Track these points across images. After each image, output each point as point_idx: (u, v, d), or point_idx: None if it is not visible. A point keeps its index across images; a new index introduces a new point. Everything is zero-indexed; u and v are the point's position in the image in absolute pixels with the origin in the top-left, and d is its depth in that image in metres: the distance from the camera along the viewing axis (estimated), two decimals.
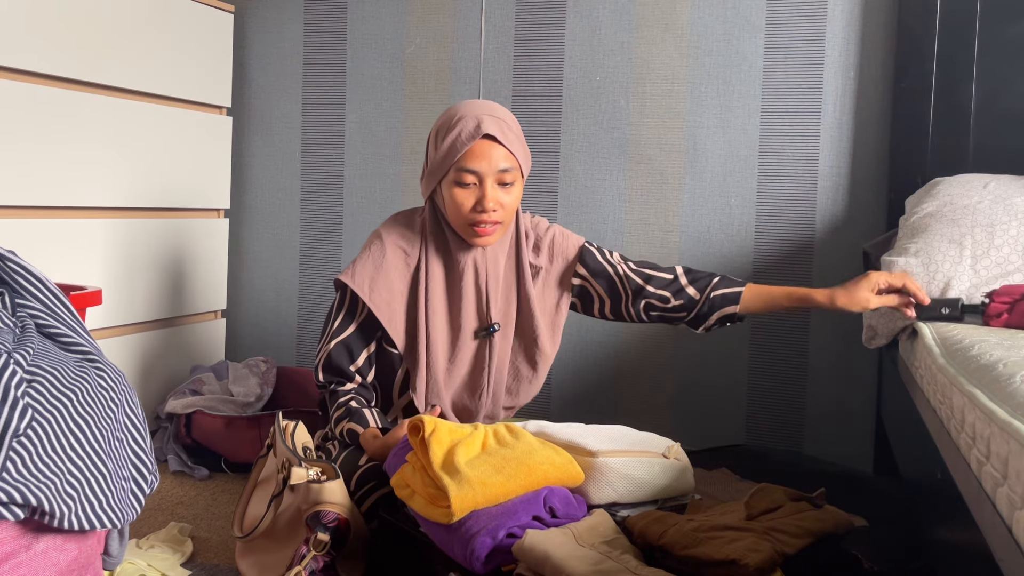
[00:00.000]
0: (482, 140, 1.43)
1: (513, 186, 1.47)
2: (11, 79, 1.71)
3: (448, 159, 1.44)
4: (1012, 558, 0.73)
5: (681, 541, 1.11)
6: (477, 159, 1.43)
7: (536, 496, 1.21)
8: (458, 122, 1.44)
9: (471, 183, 1.44)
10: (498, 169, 1.44)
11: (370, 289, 1.50)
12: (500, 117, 1.46)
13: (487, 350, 1.56)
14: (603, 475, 1.30)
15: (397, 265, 1.53)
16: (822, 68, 2.09)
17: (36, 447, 0.96)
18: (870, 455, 2.08)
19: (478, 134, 1.42)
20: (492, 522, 1.14)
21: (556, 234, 1.62)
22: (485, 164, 1.43)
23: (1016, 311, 1.33)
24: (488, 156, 1.43)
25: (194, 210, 2.24)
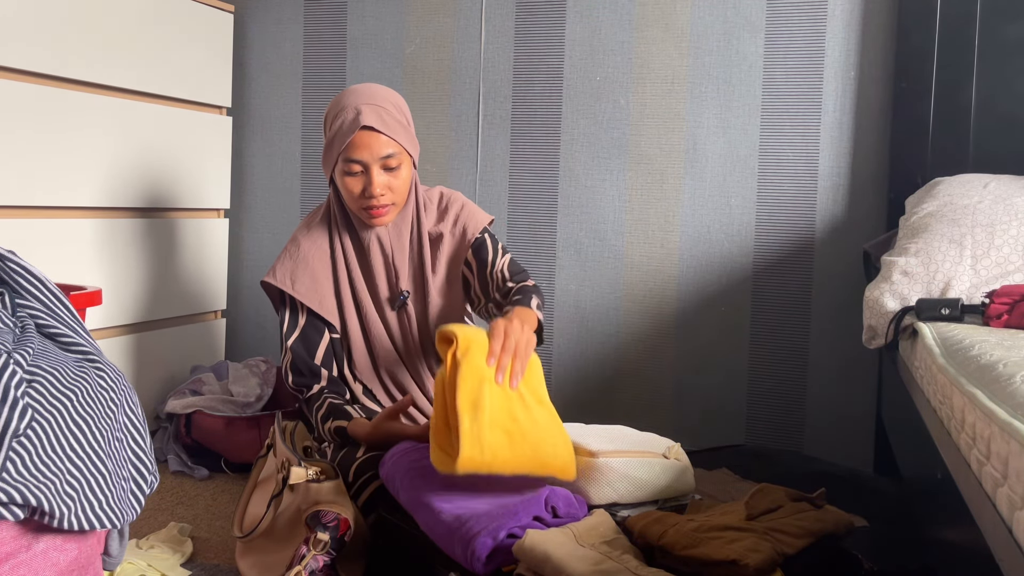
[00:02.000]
0: (362, 131, 1.47)
1: (400, 169, 1.52)
2: (11, 79, 1.71)
3: (334, 149, 1.50)
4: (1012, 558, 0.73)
5: (681, 541, 1.11)
6: (359, 149, 1.48)
7: (537, 497, 1.21)
8: (341, 112, 1.50)
9: (358, 171, 1.50)
10: (380, 156, 1.49)
11: (292, 281, 1.58)
12: (380, 104, 1.50)
13: (406, 318, 1.62)
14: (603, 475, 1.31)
15: (314, 253, 1.60)
16: (822, 68, 2.09)
17: (36, 447, 0.96)
18: (870, 455, 2.08)
19: (357, 126, 1.46)
20: (493, 523, 1.15)
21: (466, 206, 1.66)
22: (367, 153, 1.48)
23: (1016, 311, 1.33)
24: (369, 145, 1.48)
25: (194, 210, 2.24)
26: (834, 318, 2.10)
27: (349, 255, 1.60)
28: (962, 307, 1.42)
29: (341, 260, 1.60)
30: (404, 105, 1.57)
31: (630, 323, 2.21)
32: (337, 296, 1.61)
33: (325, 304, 1.59)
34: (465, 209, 1.66)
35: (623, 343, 2.22)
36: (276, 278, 1.58)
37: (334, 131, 1.49)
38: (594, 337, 2.23)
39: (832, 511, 1.23)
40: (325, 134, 1.54)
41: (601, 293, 2.22)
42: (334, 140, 1.49)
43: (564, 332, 2.24)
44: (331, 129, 1.51)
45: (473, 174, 2.28)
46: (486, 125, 2.26)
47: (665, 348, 2.20)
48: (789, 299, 2.13)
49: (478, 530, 1.14)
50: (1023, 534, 0.71)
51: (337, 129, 1.49)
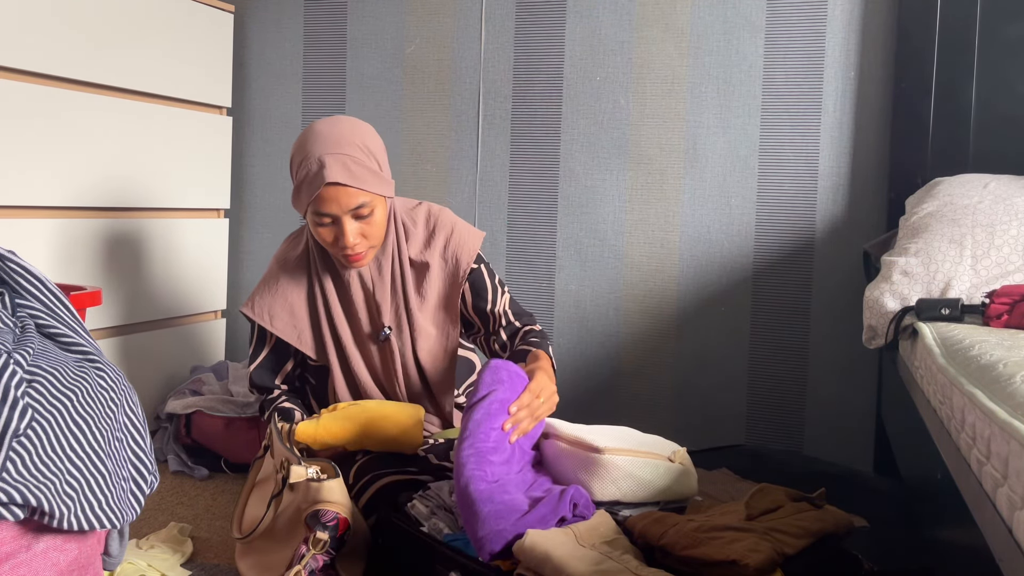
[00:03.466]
0: (328, 186, 1.40)
1: (372, 215, 1.45)
2: (11, 79, 1.71)
3: (302, 201, 1.43)
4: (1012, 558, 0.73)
5: (681, 541, 1.11)
6: (327, 203, 1.41)
7: (563, 498, 1.22)
8: (304, 161, 1.42)
9: (328, 222, 1.44)
10: (350, 209, 1.42)
11: (271, 316, 1.57)
12: (345, 152, 1.41)
13: (388, 353, 1.58)
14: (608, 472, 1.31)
15: (291, 286, 1.58)
16: (822, 68, 2.09)
17: (36, 447, 0.96)
18: (870, 455, 2.08)
19: (321, 181, 1.39)
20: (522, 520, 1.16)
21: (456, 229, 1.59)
22: (336, 207, 1.41)
23: (1016, 311, 1.33)
24: (337, 200, 1.41)
25: (194, 210, 2.24)
26: (834, 318, 2.10)
27: (328, 291, 1.56)
28: (962, 307, 1.42)
29: (319, 296, 1.57)
30: (374, 142, 1.48)
31: (630, 323, 2.21)
32: (317, 330, 1.58)
33: (304, 338, 1.57)
34: (456, 234, 1.59)
35: (623, 343, 2.22)
36: (254, 311, 1.57)
37: (300, 179, 1.43)
38: (594, 337, 2.23)
39: (832, 511, 1.23)
40: (292, 176, 1.48)
41: (601, 293, 2.22)
42: (301, 189, 1.42)
43: (564, 332, 2.24)
44: (297, 176, 1.44)
45: (473, 174, 2.28)
46: (486, 125, 2.26)
47: (665, 348, 2.20)
48: (789, 299, 2.13)
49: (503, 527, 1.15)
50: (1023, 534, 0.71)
51: (303, 179, 1.41)
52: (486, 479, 1.22)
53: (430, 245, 1.58)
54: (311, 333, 1.58)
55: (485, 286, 1.60)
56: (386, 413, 1.46)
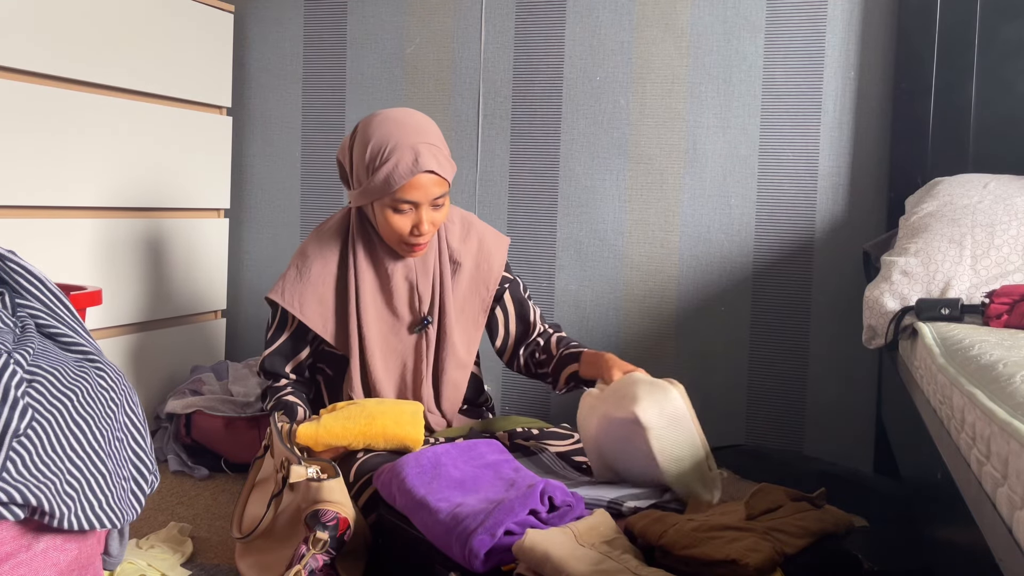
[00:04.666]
0: (421, 175, 1.45)
1: (444, 204, 1.52)
2: (11, 79, 1.71)
3: (383, 188, 1.45)
4: (1012, 558, 0.73)
5: (681, 541, 1.11)
6: (414, 191, 1.46)
7: (532, 491, 1.21)
8: (392, 152, 1.45)
9: (407, 210, 1.48)
10: (433, 197, 1.48)
11: (301, 304, 1.56)
12: (432, 143, 1.48)
13: (424, 343, 1.60)
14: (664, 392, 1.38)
15: (321, 273, 1.58)
16: (822, 68, 2.09)
17: (36, 447, 0.96)
18: (870, 455, 2.08)
19: (418, 169, 1.44)
20: (490, 519, 1.15)
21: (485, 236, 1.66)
22: (422, 194, 1.46)
23: (1016, 311, 1.33)
24: (426, 188, 1.46)
25: (194, 210, 2.24)
26: (834, 318, 2.10)
27: (365, 281, 1.56)
28: (962, 307, 1.42)
29: (352, 286, 1.56)
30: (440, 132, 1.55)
31: (630, 323, 2.21)
32: (343, 320, 1.57)
33: (327, 326, 1.57)
34: (487, 239, 1.65)
35: (623, 343, 2.22)
36: (284, 299, 1.57)
37: (387, 171, 1.44)
38: (594, 337, 2.23)
39: (832, 511, 1.23)
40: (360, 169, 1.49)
41: (601, 293, 2.22)
42: (387, 179, 1.44)
43: (564, 330, 2.24)
44: (380, 170, 1.45)
45: (473, 174, 2.28)
46: (486, 125, 2.26)
47: (665, 348, 2.20)
48: (789, 299, 2.13)
49: (475, 527, 1.14)
50: (1023, 534, 0.71)
51: (391, 170, 1.44)
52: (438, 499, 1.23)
53: (464, 245, 1.63)
54: (335, 323, 1.58)
55: (522, 295, 1.68)
56: (386, 410, 1.46)
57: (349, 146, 1.55)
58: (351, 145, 1.54)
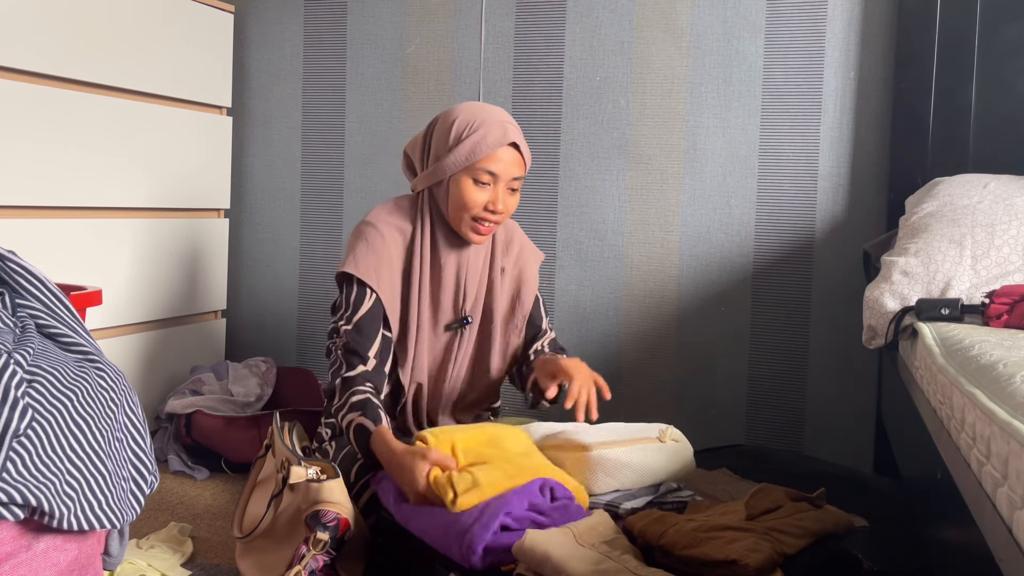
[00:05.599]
0: (508, 147, 1.49)
1: (517, 193, 1.54)
2: (11, 79, 1.71)
3: (470, 158, 1.47)
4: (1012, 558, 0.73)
5: (681, 541, 1.11)
6: (498, 162, 1.48)
7: (530, 485, 1.22)
8: (480, 126, 1.48)
9: (487, 182, 1.49)
10: (512, 176, 1.50)
11: (377, 277, 1.51)
12: (516, 127, 1.53)
13: (456, 343, 1.59)
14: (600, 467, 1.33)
15: (395, 253, 1.55)
16: (822, 68, 2.09)
17: (36, 447, 0.96)
18: (870, 455, 2.08)
19: (505, 140, 1.48)
20: (485, 514, 1.15)
21: (525, 244, 1.67)
22: (503, 168, 1.49)
23: (1016, 312, 1.33)
24: (508, 162, 1.49)
25: (194, 210, 2.24)
26: (834, 318, 2.10)
27: (425, 269, 1.56)
28: (962, 307, 1.42)
29: (418, 266, 1.55)
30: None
31: (630, 323, 2.21)
32: (406, 301, 1.55)
33: (394, 308, 1.53)
34: (526, 248, 1.66)
35: (623, 343, 2.22)
36: (359, 270, 1.50)
37: (474, 140, 1.47)
38: (594, 337, 2.23)
39: (832, 511, 1.23)
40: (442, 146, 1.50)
41: (601, 293, 2.22)
42: (473, 148, 1.46)
43: (564, 332, 2.24)
44: (465, 141, 1.47)
45: None
46: None
47: (665, 348, 2.20)
48: (789, 299, 2.13)
49: (471, 522, 1.14)
50: (1023, 534, 0.71)
51: (478, 140, 1.47)
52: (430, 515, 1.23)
53: (508, 250, 1.64)
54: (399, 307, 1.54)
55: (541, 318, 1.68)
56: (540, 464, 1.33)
57: (424, 135, 1.56)
58: (427, 134, 1.56)
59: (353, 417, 1.40)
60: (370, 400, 1.41)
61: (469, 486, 1.20)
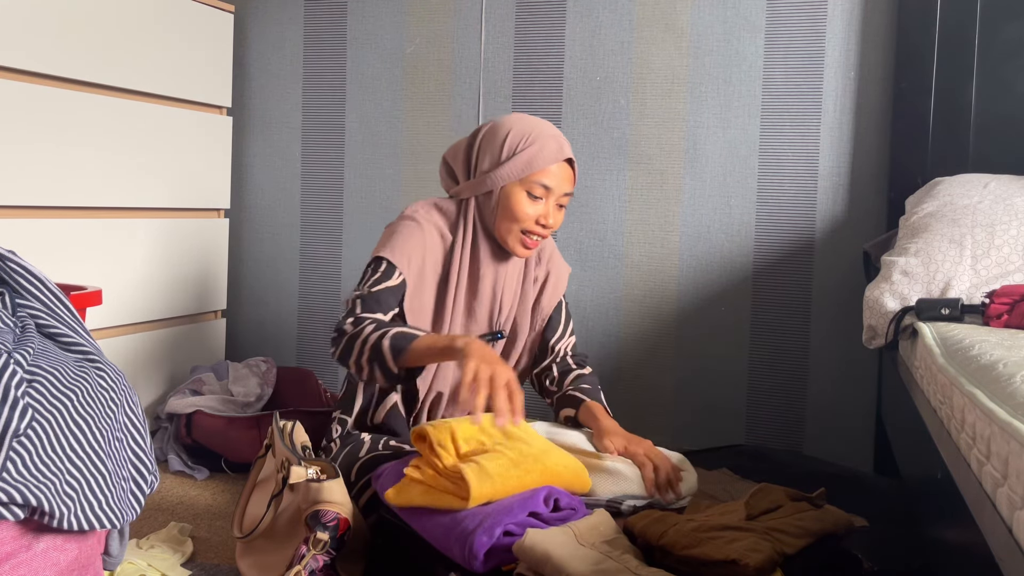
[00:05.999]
0: (563, 163, 1.51)
1: (563, 209, 1.55)
2: (11, 79, 1.71)
3: (525, 171, 1.49)
4: (1012, 558, 0.73)
5: (681, 541, 1.11)
6: (553, 177, 1.50)
7: (534, 494, 1.21)
8: (537, 139, 1.50)
9: (539, 196, 1.50)
10: (564, 191, 1.52)
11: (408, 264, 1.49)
12: (568, 143, 1.55)
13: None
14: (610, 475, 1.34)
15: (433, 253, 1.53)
16: (822, 68, 2.09)
17: (36, 447, 0.96)
18: (870, 455, 2.08)
19: (561, 155, 1.50)
20: (488, 520, 1.15)
21: (554, 254, 1.68)
22: (557, 183, 1.50)
23: (1016, 311, 1.33)
24: (562, 177, 1.51)
25: (194, 210, 2.24)
26: (834, 318, 2.10)
27: (463, 274, 1.55)
28: (962, 307, 1.42)
29: (454, 276, 1.54)
30: None
31: (630, 323, 2.21)
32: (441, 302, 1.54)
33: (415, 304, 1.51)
34: (555, 259, 1.67)
35: (623, 343, 2.22)
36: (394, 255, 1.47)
37: (531, 153, 1.48)
38: (594, 337, 2.23)
39: (832, 511, 1.23)
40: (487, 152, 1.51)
41: (601, 293, 2.22)
42: (531, 160, 1.48)
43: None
44: (522, 152, 1.49)
45: None
46: None
47: (665, 348, 2.20)
48: (789, 299, 2.13)
49: (474, 527, 1.14)
50: (1023, 534, 0.71)
51: (536, 153, 1.49)
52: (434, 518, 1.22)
53: (539, 260, 1.65)
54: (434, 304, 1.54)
55: (560, 320, 1.66)
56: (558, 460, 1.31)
57: (469, 144, 1.56)
58: (472, 143, 1.55)
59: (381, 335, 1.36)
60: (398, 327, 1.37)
61: (480, 476, 1.18)
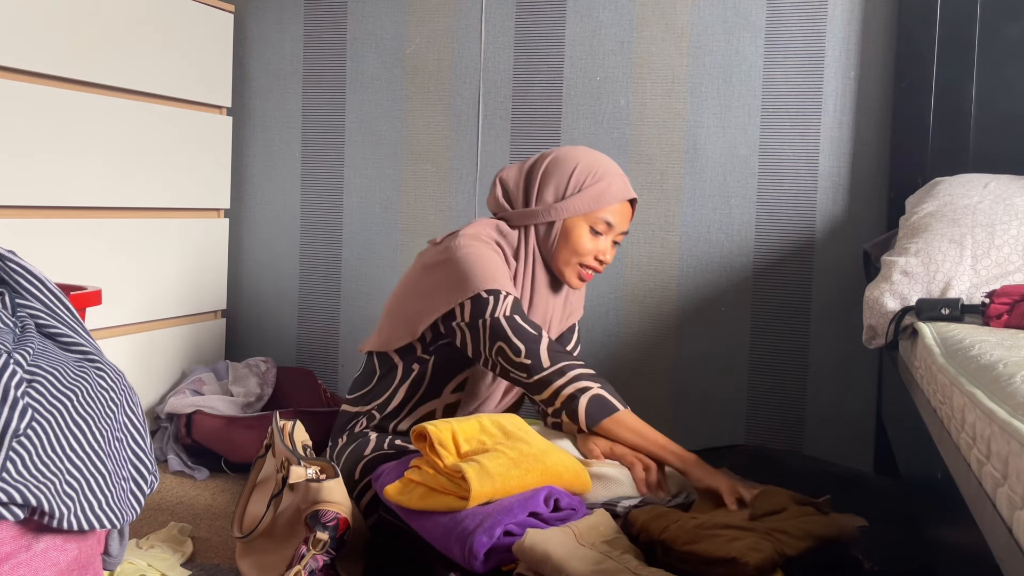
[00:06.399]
0: (627, 203, 1.57)
1: (616, 247, 1.59)
2: (11, 79, 1.71)
3: (592, 205, 1.53)
4: (1012, 558, 0.73)
5: (682, 537, 1.11)
6: (616, 214, 1.55)
7: (535, 494, 1.21)
8: (605, 176, 1.54)
9: (601, 232, 1.54)
10: (623, 230, 1.57)
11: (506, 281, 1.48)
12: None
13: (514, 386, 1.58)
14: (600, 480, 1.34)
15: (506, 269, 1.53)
16: (822, 68, 2.09)
17: (36, 447, 0.96)
18: (870, 455, 2.08)
19: (627, 195, 1.56)
20: (488, 520, 1.15)
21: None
22: (619, 220, 1.56)
23: (1016, 311, 1.33)
24: (624, 216, 1.57)
25: (194, 210, 2.24)
26: (834, 318, 2.10)
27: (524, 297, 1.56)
28: (962, 307, 1.42)
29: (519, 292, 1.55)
30: None
31: (630, 323, 2.21)
32: None
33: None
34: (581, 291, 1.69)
35: (623, 343, 2.22)
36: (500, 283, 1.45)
37: (600, 189, 1.53)
38: (594, 337, 2.23)
39: (838, 519, 1.23)
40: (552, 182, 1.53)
41: (601, 293, 2.22)
42: (599, 196, 1.52)
43: None
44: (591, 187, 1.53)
45: (473, 174, 2.28)
46: (486, 125, 2.26)
47: (665, 348, 2.20)
48: (789, 299, 2.13)
49: (474, 528, 1.14)
50: (1023, 534, 0.71)
51: (604, 189, 1.53)
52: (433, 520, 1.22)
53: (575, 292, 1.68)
54: None
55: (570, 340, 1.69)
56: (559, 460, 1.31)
57: (529, 170, 1.57)
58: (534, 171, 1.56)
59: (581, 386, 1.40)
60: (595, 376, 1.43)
61: (481, 476, 1.18)
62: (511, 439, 1.29)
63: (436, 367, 1.52)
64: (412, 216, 2.33)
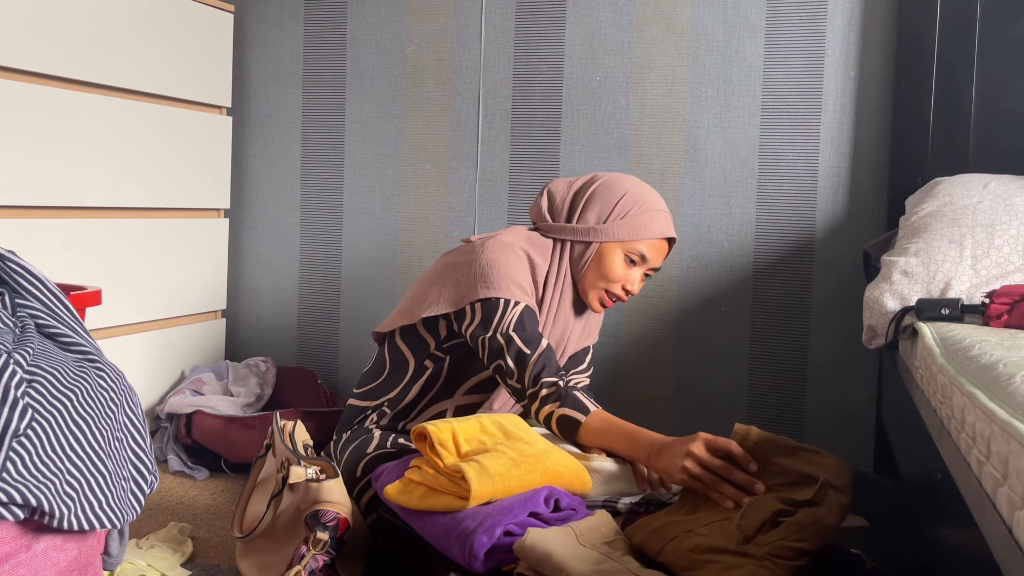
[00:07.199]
0: (663, 240, 1.58)
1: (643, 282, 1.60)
2: (11, 79, 1.71)
3: (631, 235, 1.54)
4: (1012, 558, 0.73)
5: (679, 562, 1.11)
6: (652, 248, 1.57)
7: (535, 494, 1.21)
8: (650, 209, 1.56)
9: (635, 263, 1.56)
10: (654, 266, 1.59)
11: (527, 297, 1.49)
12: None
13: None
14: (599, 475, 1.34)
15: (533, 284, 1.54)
16: (822, 68, 2.09)
17: (36, 447, 0.96)
18: (870, 455, 2.08)
19: (668, 232, 1.58)
20: (489, 520, 1.15)
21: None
22: (654, 256, 1.57)
23: (1016, 311, 1.33)
24: (660, 252, 1.58)
25: (194, 210, 2.24)
26: (834, 318, 2.10)
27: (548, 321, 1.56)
28: (962, 307, 1.42)
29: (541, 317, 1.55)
30: None
31: (630, 323, 2.21)
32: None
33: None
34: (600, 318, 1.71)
35: (623, 343, 2.22)
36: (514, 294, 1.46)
37: (643, 220, 1.54)
38: None
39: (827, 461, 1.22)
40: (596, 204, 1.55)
41: None
42: (640, 227, 1.54)
43: None
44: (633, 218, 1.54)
45: (473, 174, 2.28)
46: (486, 125, 2.26)
47: (665, 348, 2.20)
48: (789, 299, 2.13)
49: (474, 527, 1.14)
50: (1023, 534, 0.71)
51: (645, 223, 1.55)
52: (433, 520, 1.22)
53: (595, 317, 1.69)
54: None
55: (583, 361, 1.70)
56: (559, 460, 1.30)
57: (579, 188, 1.59)
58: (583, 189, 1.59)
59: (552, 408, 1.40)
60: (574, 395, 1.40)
61: (481, 476, 1.18)
62: (511, 439, 1.29)
63: (451, 366, 1.53)
64: (412, 216, 2.33)
